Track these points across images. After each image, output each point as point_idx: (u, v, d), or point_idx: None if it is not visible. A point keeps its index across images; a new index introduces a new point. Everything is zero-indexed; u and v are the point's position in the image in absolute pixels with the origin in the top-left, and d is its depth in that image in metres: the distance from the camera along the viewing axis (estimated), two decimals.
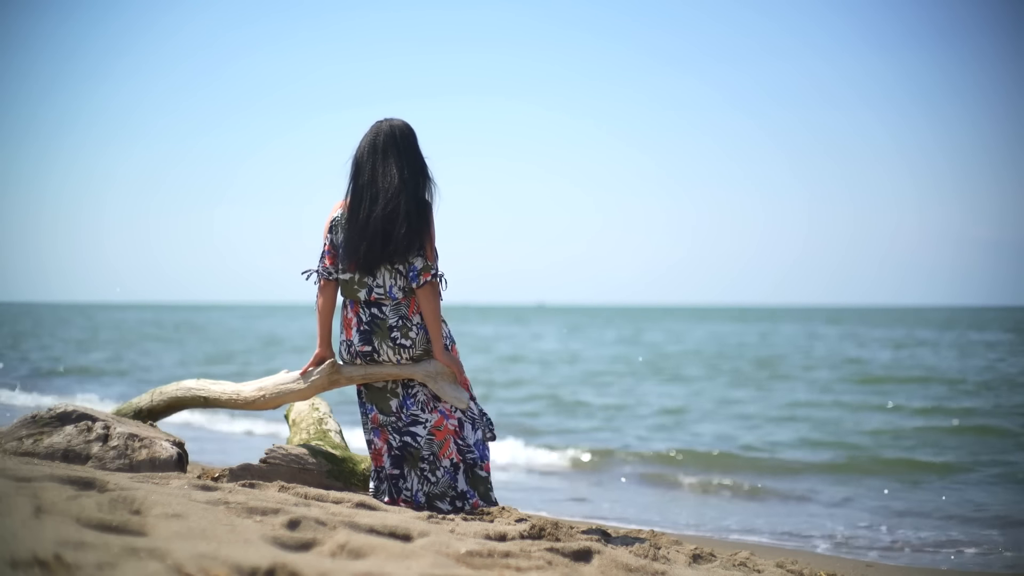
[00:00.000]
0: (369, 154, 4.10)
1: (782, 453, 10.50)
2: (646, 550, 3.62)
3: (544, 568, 2.83)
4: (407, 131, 4.15)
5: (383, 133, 4.12)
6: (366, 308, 4.10)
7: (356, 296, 4.11)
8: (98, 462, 4.13)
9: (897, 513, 7.37)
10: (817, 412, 14.24)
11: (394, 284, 4.07)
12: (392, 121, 4.16)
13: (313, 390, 4.32)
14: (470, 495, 4.14)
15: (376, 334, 4.09)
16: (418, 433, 4.13)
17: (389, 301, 4.08)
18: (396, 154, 4.08)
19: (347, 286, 4.14)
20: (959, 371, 21.16)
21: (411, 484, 4.13)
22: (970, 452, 10.36)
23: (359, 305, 4.11)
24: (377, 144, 4.11)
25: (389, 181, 4.04)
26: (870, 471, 9.36)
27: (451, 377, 4.13)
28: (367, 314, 4.10)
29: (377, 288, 4.08)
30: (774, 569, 4.03)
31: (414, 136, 4.16)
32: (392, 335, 4.08)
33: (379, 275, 4.07)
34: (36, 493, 2.77)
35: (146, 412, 4.76)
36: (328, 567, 2.36)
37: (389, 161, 4.06)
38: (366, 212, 4.03)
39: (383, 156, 4.08)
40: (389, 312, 4.08)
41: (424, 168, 4.13)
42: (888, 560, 5.86)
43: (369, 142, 4.12)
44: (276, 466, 4.31)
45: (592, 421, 13.63)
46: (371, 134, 4.14)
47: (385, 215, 4.00)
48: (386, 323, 4.08)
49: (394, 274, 4.06)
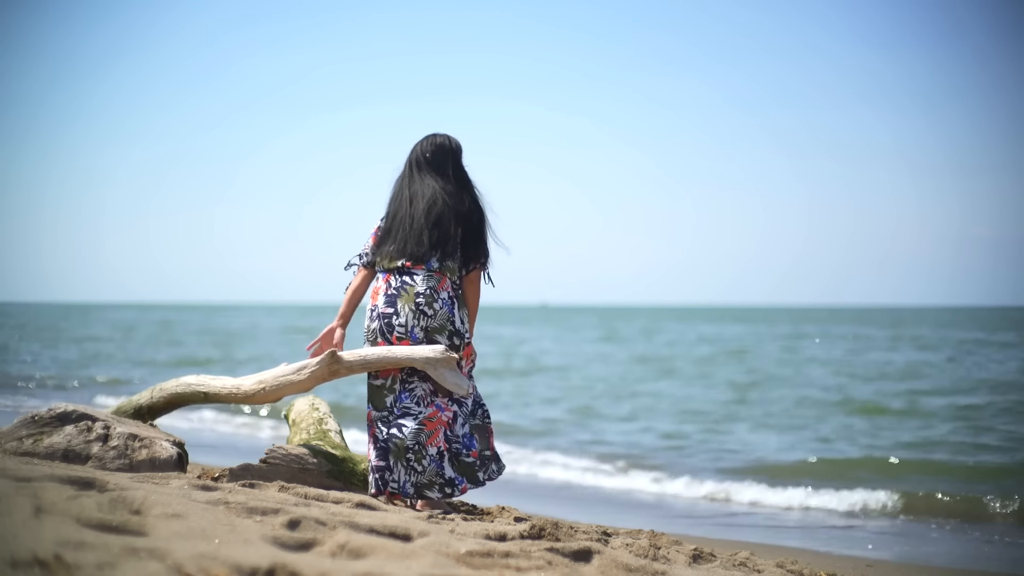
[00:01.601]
0: (415, 163, 4.40)
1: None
2: (646, 550, 3.62)
3: (544, 568, 2.83)
4: (443, 149, 4.41)
5: (432, 143, 4.42)
6: (397, 276, 4.28)
7: (393, 265, 4.29)
8: (98, 462, 4.13)
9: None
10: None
11: (434, 256, 4.27)
12: (443, 136, 4.45)
13: (313, 381, 4.31)
14: (459, 481, 4.21)
15: (401, 298, 4.25)
16: (405, 424, 4.20)
17: (423, 269, 4.26)
18: (438, 165, 4.37)
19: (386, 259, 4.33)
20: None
21: (398, 476, 4.19)
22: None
23: (391, 274, 4.29)
24: (409, 169, 4.41)
25: (429, 188, 4.32)
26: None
27: (451, 364, 4.15)
28: (397, 280, 4.27)
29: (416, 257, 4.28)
30: (774, 569, 4.03)
31: (460, 151, 4.44)
32: (417, 300, 4.23)
33: (429, 265, 4.27)
34: (36, 493, 2.77)
35: (146, 409, 4.75)
36: (328, 567, 2.36)
37: (429, 173, 4.35)
38: (405, 212, 4.30)
39: (421, 177, 4.36)
40: (420, 280, 4.24)
41: (464, 179, 4.39)
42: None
43: (417, 150, 4.43)
44: (276, 466, 4.30)
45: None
46: (421, 143, 4.43)
47: (412, 216, 4.28)
48: (414, 289, 4.24)
49: (439, 266, 4.27)
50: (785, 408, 14.84)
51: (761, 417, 13.86)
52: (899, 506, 7.66)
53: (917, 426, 12.35)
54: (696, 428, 12.61)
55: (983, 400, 14.87)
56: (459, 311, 4.29)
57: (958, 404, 14.36)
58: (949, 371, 21.10)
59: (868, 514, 7.49)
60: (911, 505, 7.69)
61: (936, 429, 11.97)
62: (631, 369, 23.47)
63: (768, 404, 15.36)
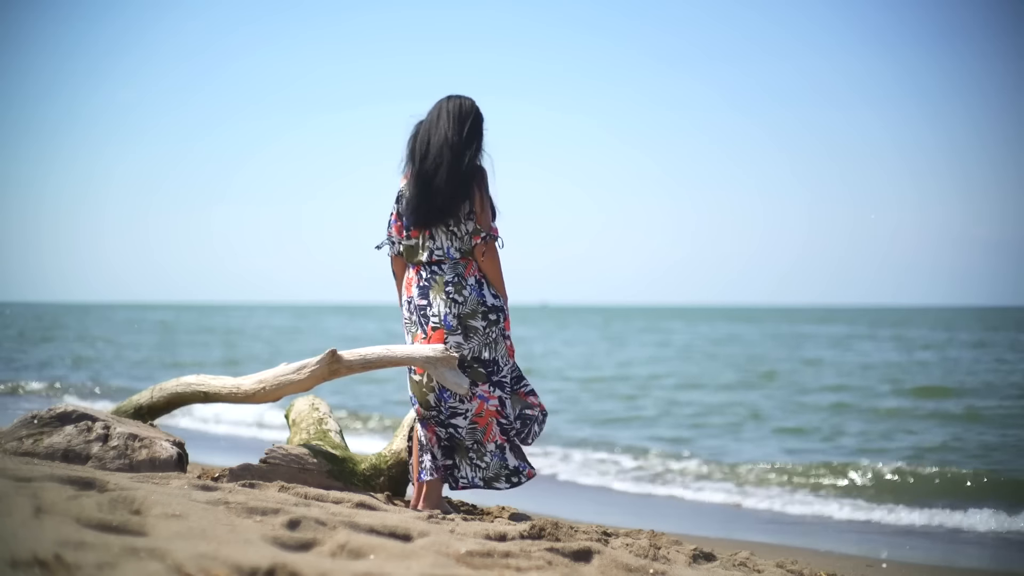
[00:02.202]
0: (426, 121, 4.40)
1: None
2: (646, 550, 3.62)
3: (544, 568, 2.83)
4: (467, 105, 4.42)
5: (443, 104, 4.42)
6: (427, 267, 4.38)
7: (419, 259, 4.39)
8: (98, 462, 4.13)
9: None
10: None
11: (451, 245, 4.34)
12: (457, 96, 4.45)
13: (313, 380, 4.31)
14: (522, 468, 4.34)
15: (432, 288, 4.35)
16: (459, 424, 4.30)
17: (448, 260, 4.35)
18: (448, 120, 4.35)
19: (412, 251, 4.41)
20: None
21: (465, 472, 4.34)
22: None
23: (421, 267, 4.40)
24: (433, 113, 4.40)
25: (435, 140, 4.33)
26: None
27: (451, 363, 4.15)
28: (427, 271, 4.38)
29: (437, 250, 4.35)
30: (774, 569, 4.03)
31: (473, 111, 4.41)
32: (447, 289, 4.32)
33: (437, 237, 4.34)
34: (36, 493, 2.77)
35: (146, 409, 4.75)
36: (328, 567, 2.36)
37: (440, 126, 4.35)
38: (416, 169, 4.34)
39: (436, 121, 4.37)
40: (447, 269, 4.35)
41: (473, 135, 4.36)
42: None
43: (429, 114, 4.42)
44: (276, 466, 4.30)
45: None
46: (433, 109, 4.43)
47: (429, 168, 4.30)
48: (442, 279, 4.34)
49: (450, 235, 4.33)
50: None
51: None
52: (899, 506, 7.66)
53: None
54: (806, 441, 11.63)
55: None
56: (488, 289, 4.36)
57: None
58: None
59: (868, 514, 7.49)
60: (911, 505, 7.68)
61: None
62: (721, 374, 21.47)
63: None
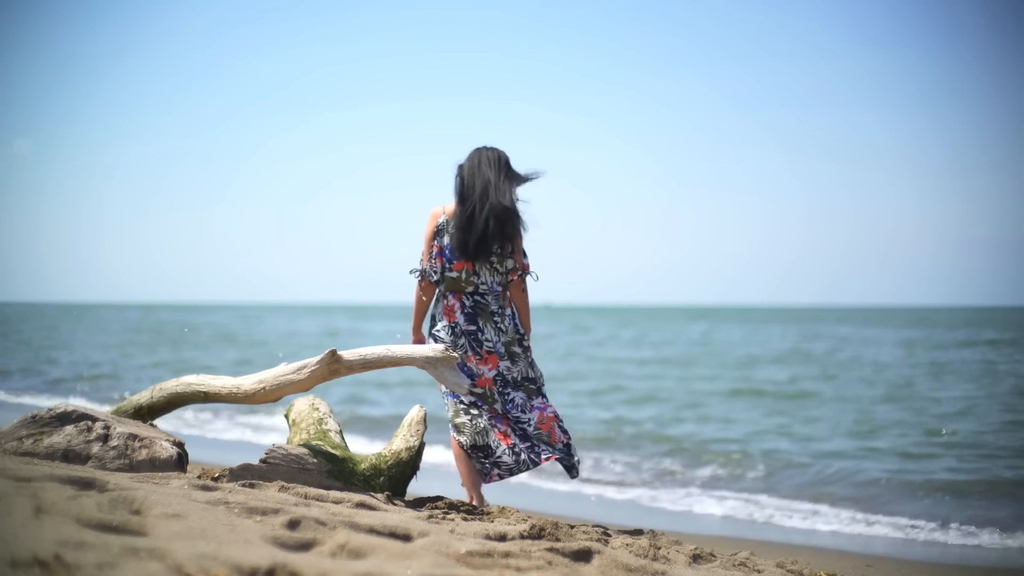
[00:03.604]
0: (469, 170, 4.97)
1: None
2: (646, 550, 3.62)
3: (544, 568, 2.83)
4: (503, 156, 5.03)
5: (483, 154, 5.01)
6: (469, 296, 4.95)
7: (463, 289, 4.94)
8: (98, 462, 4.13)
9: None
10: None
11: (493, 280, 4.96)
12: (491, 148, 5.04)
13: (313, 380, 4.31)
14: (578, 461, 5.07)
15: (481, 316, 4.93)
16: (527, 427, 4.97)
17: (491, 293, 4.96)
18: (490, 169, 4.95)
19: (455, 282, 4.94)
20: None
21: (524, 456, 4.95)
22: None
23: (462, 295, 4.95)
24: (474, 162, 4.99)
25: (479, 184, 4.92)
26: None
27: (451, 363, 4.17)
28: (471, 300, 4.95)
29: (482, 284, 4.94)
30: (774, 569, 4.03)
31: (507, 160, 5.03)
32: (494, 319, 4.94)
33: (481, 272, 4.93)
34: (36, 493, 2.77)
35: (146, 409, 4.75)
36: (328, 567, 2.36)
37: (485, 175, 4.93)
38: (467, 214, 4.88)
39: (478, 167, 4.96)
40: (491, 300, 4.95)
41: (510, 182, 4.96)
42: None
43: (471, 161, 5.00)
44: (276, 466, 4.30)
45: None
46: (473, 156, 5.01)
47: (476, 211, 4.86)
48: (488, 308, 4.95)
49: (492, 271, 4.95)
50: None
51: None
52: (900, 506, 7.65)
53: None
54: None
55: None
56: (517, 318, 5.05)
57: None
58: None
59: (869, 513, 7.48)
60: (912, 504, 7.68)
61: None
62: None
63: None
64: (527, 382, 4.98)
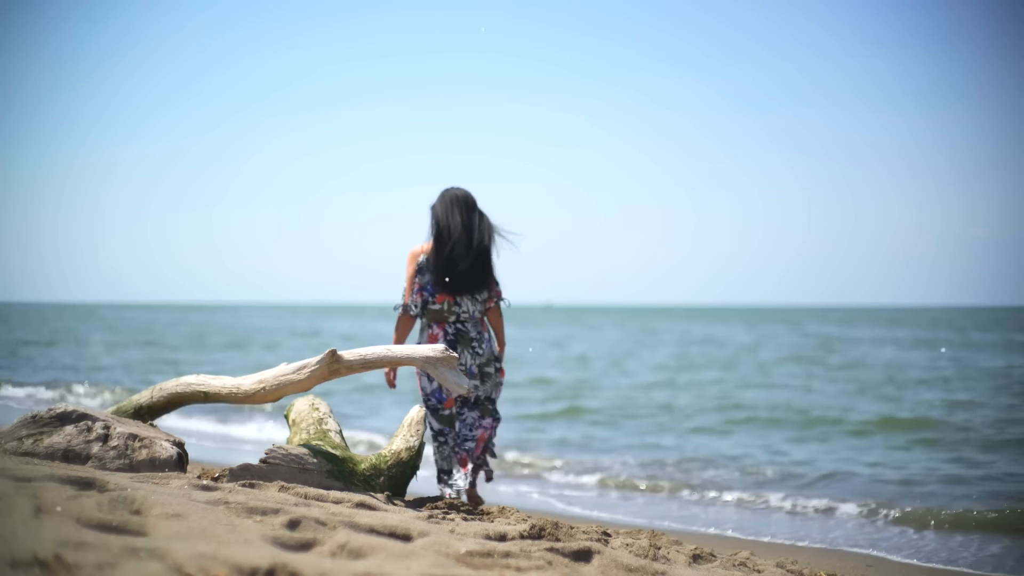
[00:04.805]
0: (443, 214, 5.39)
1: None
2: (646, 550, 3.62)
3: (544, 568, 2.83)
4: (470, 195, 5.45)
5: (452, 197, 5.42)
6: (452, 325, 5.44)
7: (446, 319, 5.43)
8: (98, 462, 4.13)
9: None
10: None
11: (474, 309, 5.46)
12: (457, 189, 5.47)
13: (313, 380, 4.31)
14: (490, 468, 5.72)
15: (460, 342, 5.41)
16: (469, 446, 5.50)
17: (471, 320, 5.46)
18: (462, 212, 5.37)
19: (438, 313, 5.42)
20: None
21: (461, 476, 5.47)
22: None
23: (445, 324, 5.44)
24: (448, 206, 5.40)
25: (459, 233, 5.34)
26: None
27: (451, 364, 4.18)
28: (452, 328, 5.44)
29: (463, 313, 5.44)
30: (774, 569, 4.03)
31: (474, 198, 5.45)
32: (472, 344, 5.42)
33: (463, 302, 5.42)
34: (36, 493, 2.77)
35: (146, 409, 4.75)
36: (328, 567, 2.36)
37: (457, 217, 5.34)
38: (447, 255, 5.33)
39: (452, 213, 5.36)
40: (471, 327, 5.45)
41: (482, 222, 5.39)
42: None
43: (443, 204, 5.41)
44: (276, 466, 4.30)
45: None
46: (444, 199, 5.42)
47: (456, 253, 5.32)
48: (468, 335, 5.44)
49: (473, 301, 5.45)
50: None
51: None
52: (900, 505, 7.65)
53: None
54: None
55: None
56: (493, 341, 5.51)
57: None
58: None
59: (870, 513, 7.47)
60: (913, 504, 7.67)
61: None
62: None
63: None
64: (487, 401, 5.47)
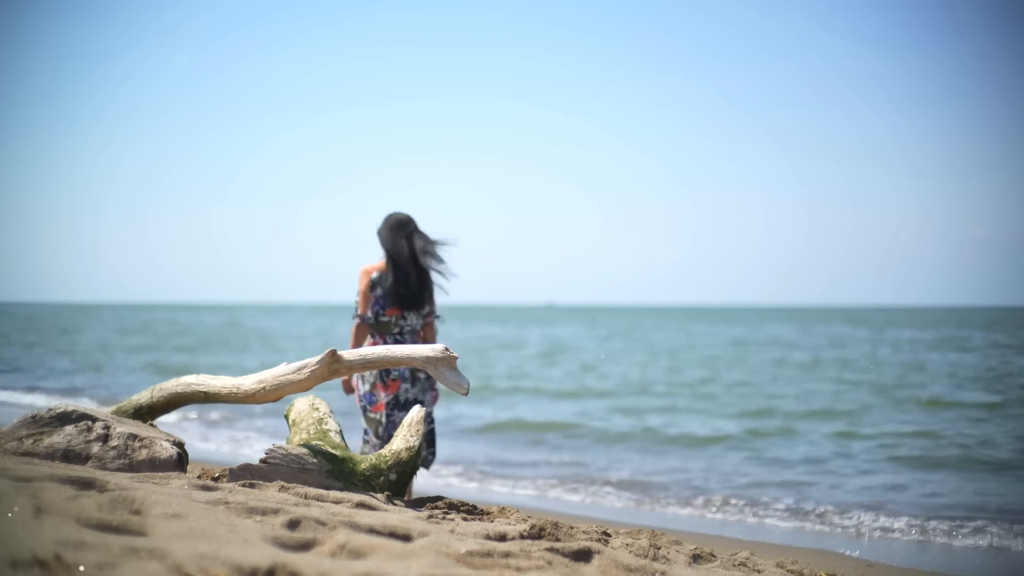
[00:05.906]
0: (389, 239, 5.90)
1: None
2: (646, 550, 3.62)
3: (544, 568, 2.83)
4: (412, 220, 5.95)
5: (396, 222, 5.93)
6: (392, 336, 5.88)
7: (390, 331, 5.88)
8: (98, 462, 4.13)
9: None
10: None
11: (416, 322, 5.93)
12: (400, 214, 5.97)
13: (313, 380, 4.32)
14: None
15: None
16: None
17: (411, 332, 5.92)
18: (406, 236, 5.89)
19: (386, 325, 5.87)
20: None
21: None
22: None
23: (387, 335, 5.88)
24: (392, 231, 5.91)
25: (405, 255, 5.87)
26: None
27: (452, 363, 4.19)
28: (392, 339, 5.87)
29: (407, 326, 5.91)
30: (774, 569, 4.03)
31: (415, 222, 5.96)
32: None
33: (409, 316, 5.90)
34: (36, 493, 2.77)
35: (146, 409, 4.75)
36: (328, 567, 2.36)
37: (402, 242, 5.87)
38: (398, 275, 5.84)
39: (396, 238, 5.88)
40: (409, 339, 5.88)
41: (424, 244, 5.87)
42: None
43: (388, 230, 5.93)
44: (276, 466, 4.30)
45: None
46: (388, 224, 5.93)
47: (404, 274, 5.83)
48: (405, 344, 5.68)
49: (417, 315, 5.93)
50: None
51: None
52: (900, 506, 7.65)
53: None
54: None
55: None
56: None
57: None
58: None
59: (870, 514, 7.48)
60: (913, 504, 7.68)
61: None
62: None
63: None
64: (417, 402, 5.81)
